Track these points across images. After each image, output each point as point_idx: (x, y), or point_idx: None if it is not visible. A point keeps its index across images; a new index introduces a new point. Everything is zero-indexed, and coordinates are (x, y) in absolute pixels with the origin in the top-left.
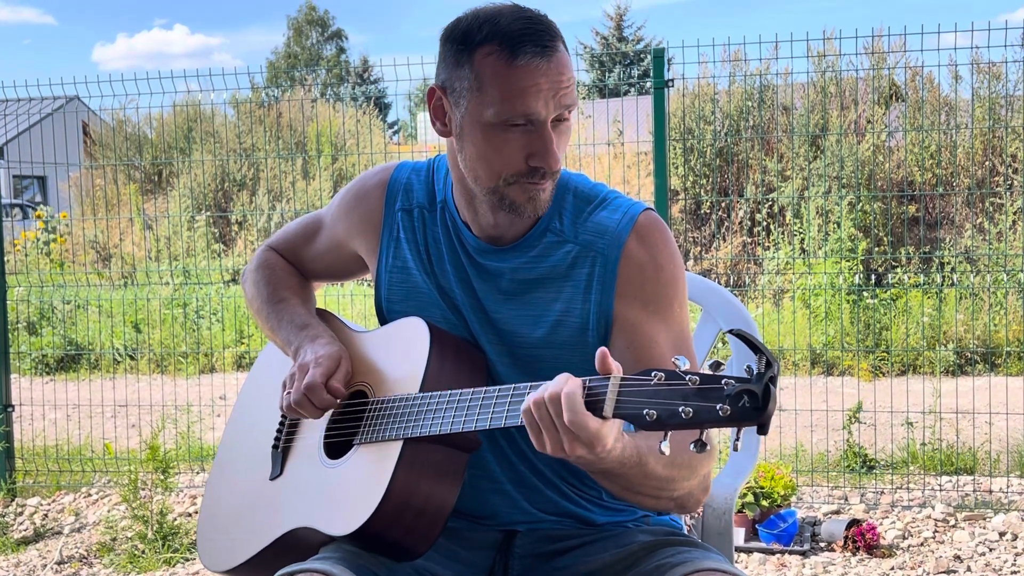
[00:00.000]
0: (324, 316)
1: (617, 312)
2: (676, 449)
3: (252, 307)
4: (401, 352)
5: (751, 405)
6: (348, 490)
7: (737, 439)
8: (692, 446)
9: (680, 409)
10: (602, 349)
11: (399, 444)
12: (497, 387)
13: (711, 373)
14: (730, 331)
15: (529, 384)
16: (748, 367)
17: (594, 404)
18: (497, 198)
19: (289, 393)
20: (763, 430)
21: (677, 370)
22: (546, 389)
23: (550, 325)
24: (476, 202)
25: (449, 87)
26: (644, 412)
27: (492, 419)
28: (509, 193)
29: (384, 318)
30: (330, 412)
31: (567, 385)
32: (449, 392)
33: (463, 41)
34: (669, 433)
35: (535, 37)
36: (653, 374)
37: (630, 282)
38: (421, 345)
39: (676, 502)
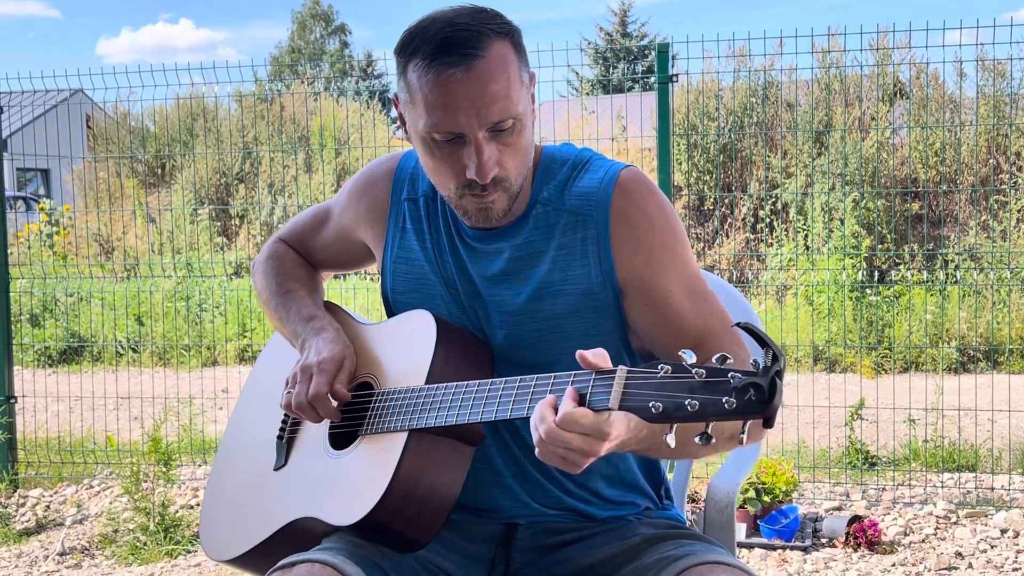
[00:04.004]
0: (331, 308)
1: (623, 273)
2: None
3: (261, 298)
4: (407, 344)
5: (757, 398)
6: (352, 480)
7: (743, 432)
8: (698, 439)
9: (686, 402)
10: (579, 353)
11: (404, 435)
12: (503, 379)
13: (717, 366)
14: (737, 324)
15: (535, 376)
16: (754, 361)
17: (598, 401)
18: (454, 206)
19: (290, 393)
20: (769, 423)
21: (684, 363)
22: (549, 428)
23: (553, 297)
24: None
25: (400, 98)
26: (650, 405)
27: (498, 411)
28: (462, 204)
29: (391, 308)
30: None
31: (564, 410)
32: (455, 384)
33: (400, 52)
34: (675, 426)
35: (455, 47)
36: (660, 367)
37: (625, 240)
38: (427, 338)
39: (737, 440)
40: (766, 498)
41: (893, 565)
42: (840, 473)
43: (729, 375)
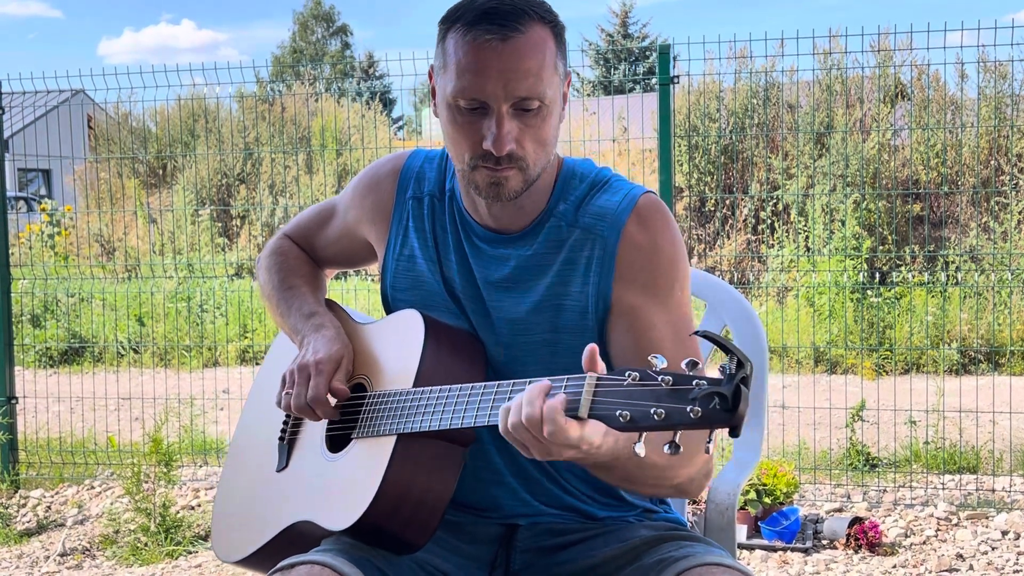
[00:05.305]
0: (330, 306)
1: (616, 295)
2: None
3: (263, 293)
4: (397, 345)
5: (721, 407)
6: (344, 485)
7: (709, 441)
8: (666, 448)
9: (652, 410)
10: (591, 347)
11: (392, 439)
12: (483, 384)
13: (684, 373)
14: (696, 332)
15: (512, 382)
16: (721, 367)
17: (571, 406)
18: (466, 181)
19: (288, 393)
20: (735, 432)
21: (651, 370)
22: (520, 411)
23: (553, 311)
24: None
25: (435, 66)
26: (617, 413)
27: (477, 416)
28: (475, 177)
29: (389, 307)
30: None
31: (542, 401)
32: (439, 388)
33: (443, 21)
34: (644, 434)
35: (496, 17)
36: (627, 374)
37: (630, 265)
38: (416, 338)
39: (676, 489)
40: (767, 499)
41: (894, 567)
42: (841, 475)
43: (694, 383)
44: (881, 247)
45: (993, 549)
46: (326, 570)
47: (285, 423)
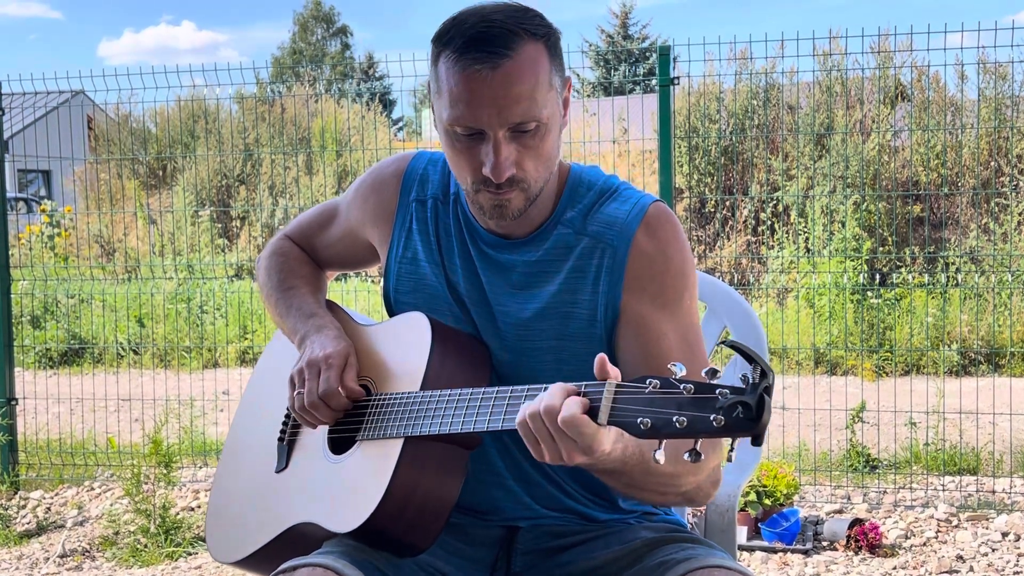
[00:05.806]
0: (330, 308)
1: (625, 305)
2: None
3: (263, 293)
4: (403, 348)
5: (745, 416)
6: (350, 487)
7: (731, 449)
8: (687, 455)
9: (674, 418)
10: (601, 356)
11: (400, 442)
12: (496, 388)
13: (706, 382)
14: (723, 342)
15: (527, 387)
16: (744, 376)
17: (590, 411)
18: (470, 201)
19: (301, 393)
20: (757, 441)
21: (672, 378)
22: (541, 401)
23: (561, 318)
24: None
25: (430, 85)
26: (638, 421)
27: (490, 421)
28: (479, 199)
29: (391, 309)
30: None
31: (563, 396)
32: (448, 392)
33: (436, 41)
34: (664, 441)
35: (485, 45)
36: (648, 381)
37: (639, 275)
38: (423, 341)
39: (684, 496)
40: (767, 501)
41: (894, 568)
42: (841, 476)
43: (717, 392)
44: (881, 248)
45: (993, 551)
46: (329, 572)
47: (284, 424)
